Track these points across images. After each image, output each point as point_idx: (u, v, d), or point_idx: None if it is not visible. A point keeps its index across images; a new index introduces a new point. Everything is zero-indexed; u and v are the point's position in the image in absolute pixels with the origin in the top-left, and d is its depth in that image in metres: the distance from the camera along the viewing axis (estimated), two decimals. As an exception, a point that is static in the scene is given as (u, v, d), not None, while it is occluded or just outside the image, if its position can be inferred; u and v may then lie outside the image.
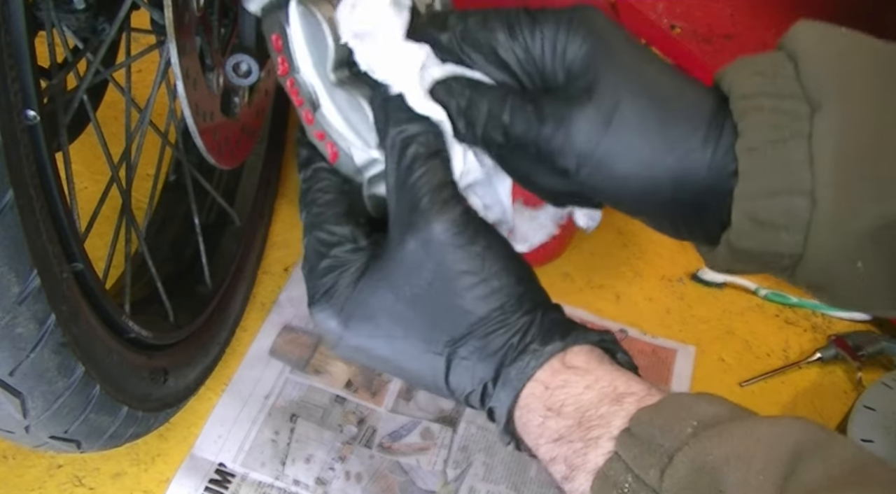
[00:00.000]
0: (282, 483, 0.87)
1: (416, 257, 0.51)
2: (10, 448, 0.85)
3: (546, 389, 0.50)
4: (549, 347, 0.51)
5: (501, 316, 0.51)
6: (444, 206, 0.50)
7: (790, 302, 1.14)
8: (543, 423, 0.50)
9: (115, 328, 0.69)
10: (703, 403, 0.47)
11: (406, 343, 0.53)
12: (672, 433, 0.45)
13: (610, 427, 0.47)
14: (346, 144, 0.55)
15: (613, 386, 0.49)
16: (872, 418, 0.91)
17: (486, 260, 0.51)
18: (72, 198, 0.62)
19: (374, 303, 0.52)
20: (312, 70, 0.53)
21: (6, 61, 0.49)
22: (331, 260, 0.53)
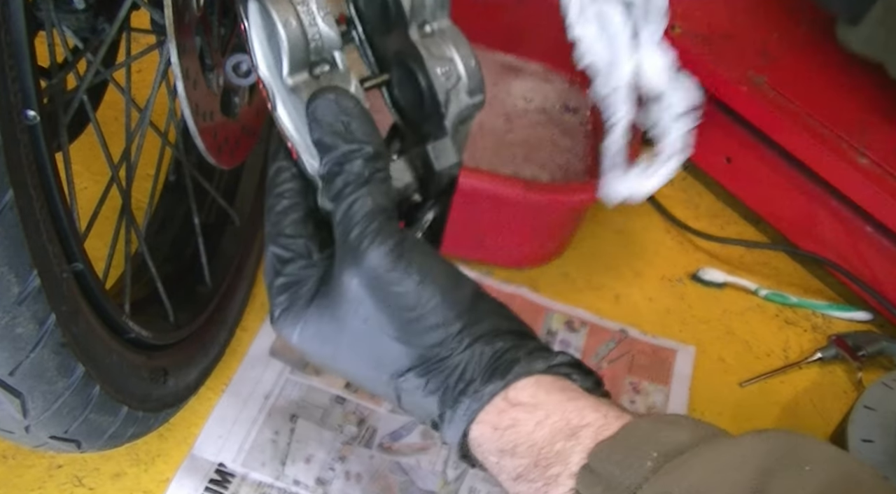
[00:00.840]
0: (282, 483, 0.87)
1: (352, 292, 0.49)
2: (10, 448, 0.85)
3: (495, 430, 0.49)
4: (489, 388, 0.49)
5: (441, 350, 0.50)
6: (375, 238, 0.48)
7: (790, 302, 1.14)
8: (499, 463, 0.49)
9: (115, 328, 0.69)
10: (663, 429, 0.45)
11: (358, 370, 0.52)
12: (632, 468, 0.43)
13: (568, 464, 0.46)
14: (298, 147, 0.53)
15: (566, 420, 0.48)
16: (872, 418, 0.91)
17: (422, 296, 0.49)
18: (72, 198, 0.62)
19: (325, 331, 0.51)
20: (267, 71, 0.52)
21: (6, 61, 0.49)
22: (285, 278, 0.52)
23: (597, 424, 0.47)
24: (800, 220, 1.14)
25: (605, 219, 1.22)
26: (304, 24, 0.51)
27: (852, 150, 1.03)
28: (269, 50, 0.51)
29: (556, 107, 1.30)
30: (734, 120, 1.15)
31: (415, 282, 0.49)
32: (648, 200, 1.24)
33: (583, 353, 1.04)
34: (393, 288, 0.49)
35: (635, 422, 0.46)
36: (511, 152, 1.22)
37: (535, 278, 1.11)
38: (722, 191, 1.26)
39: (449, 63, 0.54)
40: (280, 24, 0.50)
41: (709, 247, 1.20)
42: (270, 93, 0.52)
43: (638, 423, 0.46)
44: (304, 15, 0.51)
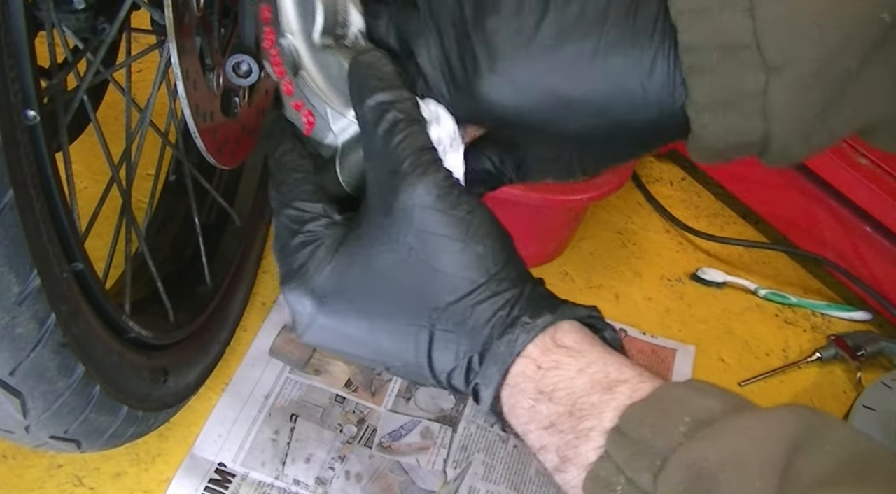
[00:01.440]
0: (282, 482, 0.87)
1: (397, 222, 0.48)
2: (10, 448, 0.85)
3: (538, 369, 0.48)
4: (539, 320, 0.48)
5: (488, 285, 0.49)
6: (427, 169, 0.48)
7: (790, 302, 1.14)
8: (534, 407, 0.48)
9: (116, 328, 0.69)
10: (694, 395, 0.45)
11: (385, 317, 0.50)
12: (664, 433, 0.43)
13: (602, 419, 0.45)
14: (324, 107, 0.54)
15: (605, 372, 0.47)
16: (872, 418, 0.91)
17: (471, 225, 0.48)
18: (72, 198, 0.62)
19: (352, 277, 0.50)
20: (300, 34, 0.53)
21: (6, 61, 0.49)
22: (304, 236, 0.51)
23: (634, 380, 0.47)
24: (800, 220, 1.14)
25: (605, 219, 1.22)
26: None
27: (852, 150, 1.03)
28: (300, 15, 0.53)
29: (556, 107, 1.30)
30: (734, 120, 1.15)
31: (464, 211, 0.48)
32: (648, 200, 1.24)
33: (582, 353, 1.04)
34: (441, 218, 0.48)
35: (668, 387, 0.46)
36: (511, 152, 1.21)
37: (535, 278, 1.11)
38: (722, 191, 1.26)
39: None
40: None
41: (708, 246, 1.20)
42: (296, 57, 0.54)
43: (669, 387, 0.46)
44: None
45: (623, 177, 1.00)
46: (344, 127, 0.54)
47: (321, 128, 0.54)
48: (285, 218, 0.52)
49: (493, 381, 0.49)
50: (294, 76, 0.54)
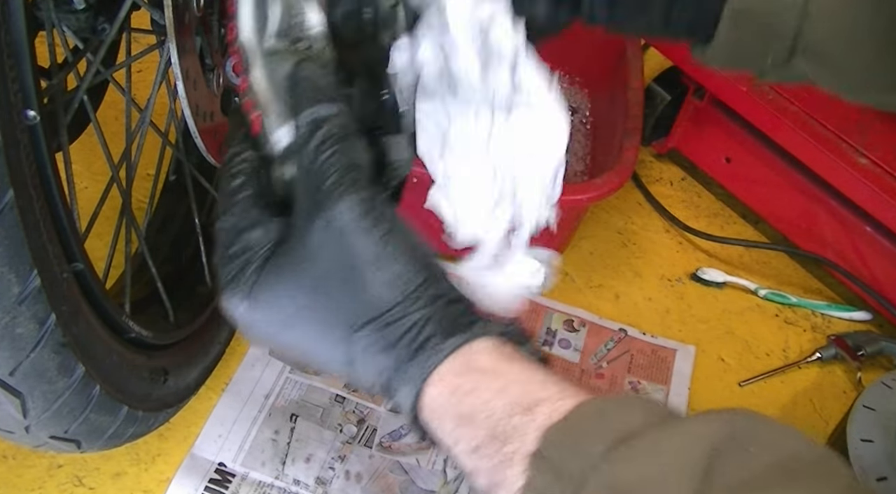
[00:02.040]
0: (282, 482, 0.87)
1: (318, 239, 0.49)
2: (10, 448, 0.85)
3: (453, 393, 0.48)
4: (449, 342, 0.49)
5: (402, 305, 0.49)
6: (350, 188, 0.49)
7: (790, 302, 1.14)
8: (456, 431, 0.48)
9: (115, 328, 0.69)
10: (613, 412, 0.45)
11: (310, 329, 0.51)
12: (581, 454, 0.43)
13: (524, 441, 0.45)
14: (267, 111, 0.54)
15: (525, 391, 0.47)
16: (872, 418, 0.91)
17: (388, 246, 0.49)
18: (72, 198, 0.62)
19: (280, 288, 0.50)
20: (252, 36, 0.54)
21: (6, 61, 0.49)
22: (239, 245, 0.52)
23: (554, 398, 0.46)
24: (800, 220, 1.14)
25: (605, 219, 1.22)
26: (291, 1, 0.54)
27: (852, 150, 1.03)
28: (256, 14, 0.54)
29: (556, 107, 1.30)
30: (734, 120, 1.15)
31: (382, 232, 0.49)
32: (648, 200, 1.24)
33: (582, 353, 1.04)
34: (360, 237, 0.49)
35: (587, 403, 0.46)
36: (511, 152, 1.21)
37: (535, 278, 1.11)
38: (722, 191, 1.26)
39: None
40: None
41: (708, 246, 1.20)
42: (247, 57, 0.54)
43: (589, 405, 0.46)
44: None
45: (623, 177, 1.00)
46: (281, 136, 0.55)
47: (265, 132, 0.55)
48: (224, 224, 0.53)
49: (407, 403, 0.49)
50: (247, 75, 0.55)
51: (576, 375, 1.02)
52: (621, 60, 1.17)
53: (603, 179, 0.99)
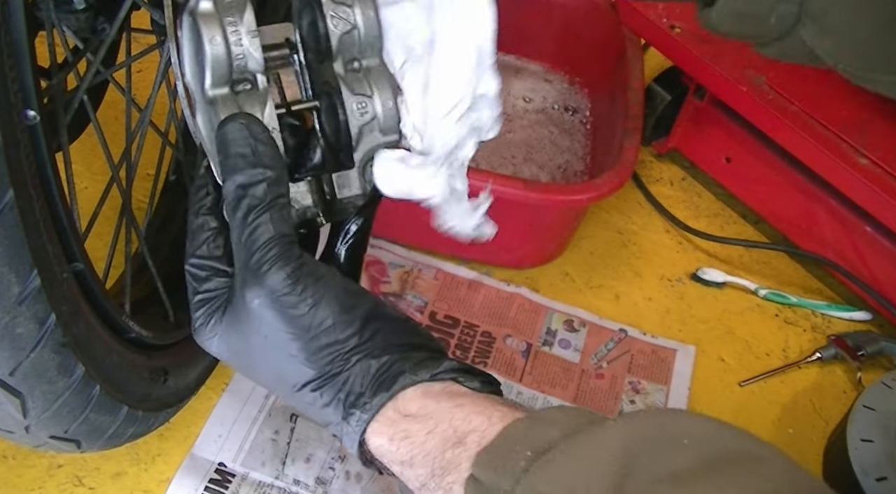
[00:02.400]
0: (282, 482, 0.87)
1: (253, 312, 0.52)
2: (10, 448, 0.85)
3: (391, 441, 0.52)
4: (375, 400, 0.52)
5: (332, 370, 0.52)
6: (274, 263, 0.51)
7: (790, 301, 1.14)
8: (402, 473, 0.52)
9: (116, 328, 0.69)
10: (536, 427, 0.47)
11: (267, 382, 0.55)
12: (506, 471, 0.45)
13: (460, 471, 0.48)
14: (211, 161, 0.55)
15: (453, 428, 0.50)
16: (872, 418, 0.91)
17: (315, 317, 0.52)
18: (72, 198, 0.62)
19: (234, 345, 0.54)
20: (194, 82, 0.54)
21: (6, 61, 0.49)
22: (202, 296, 0.55)
23: (482, 427, 0.49)
24: (800, 220, 1.14)
25: (605, 219, 1.22)
26: (229, 42, 0.52)
27: (852, 150, 1.03)
28: (195, 61, 0.53)
29: (556, 107, 1.30)
30: (734, 120, 1.15)
31: (308, 305, 0.51)
32: (648, 200, 1.24)
33: (582, 353, 1.04)
34: (289, 310, 0.51)
35: (513, 424, 0.48)
36: (511, 152, 1.22)
37: (535, 278, 1.11)
38: (722, 191, 1.26)
39: (367, 100, 0.56)
40: (206, 40, 0.52)
41: (708, 246, 1.20)
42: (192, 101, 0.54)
43: (515, 425, 0.48)
44: (231, 34, 0.52)
45: (623, 177, 1.00)
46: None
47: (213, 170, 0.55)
48: (188, 272, 0.55)
49: (354, 450, 0.54)
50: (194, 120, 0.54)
51: (576, 375, 1.02)
52: (621, 60, 1.17)
53: (603, 179, 0.99)
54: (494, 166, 1.19)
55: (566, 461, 0.44)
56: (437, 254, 1.10)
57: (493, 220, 0.61)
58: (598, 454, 0.43)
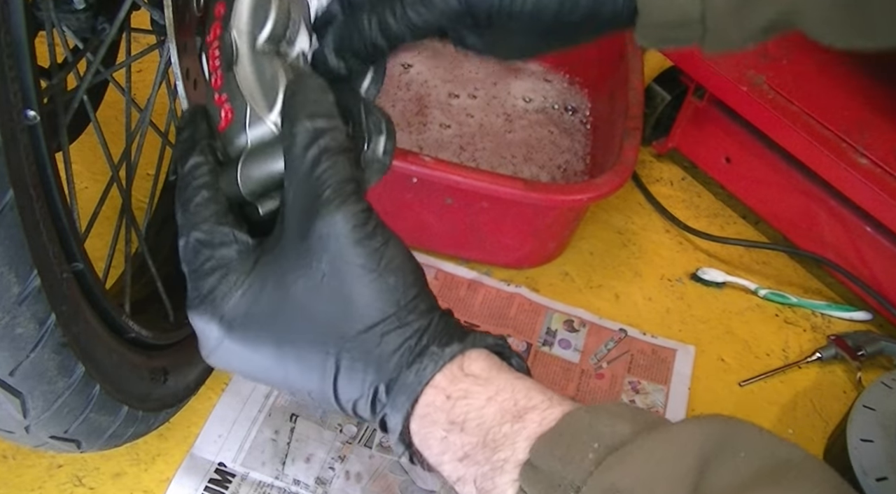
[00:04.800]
0: (282, 482, 0.87)
1: (312, 247, 0.49)
2: (10, 448, 0.85)
3: (447, 399, 0.48)
4: (448, 349, 0.49)
5: (397, 315, 0.49)
6: (347, 200, 0.49)
7: (790, 301, 1.14)
8: (447, 438, 0.48)
9: (116, 328, 0.69)
10: (603, 419, 0.45)
11: (293, 344, 0.50)
12: (574, 463, 0.43)
13: (515, 450, 0.46)
14: (245, 107, 0.55)
15: (514, 400, 0.48)
16: (872, 418, 0.91)
17: (384, 257, 0.49)
18: (72, 198, 0.62)
19: (263, 301, 0.50)
20: (245, 34, 0.56)
21: (6, 61, 0.49)
22: (214, 261, 0.51)
23: (542, 406, 0.47)
24: (799, 220, 1.14)
25: (605, 219, 1.22)
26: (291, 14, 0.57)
27: (852, 150, 1.03)
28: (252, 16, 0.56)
29: (556, 107, 1.30)
30: (734, 120, 1.15)
31: (379, 243, 0.49)
32: (648, 200, 1.24)
33: (582, 353, 1.04)
34: (364, 240, 0.49)
35: (575, 413, 0.46)
36: (511, 152, 1.22)
37: (535, 278, 1.11)
38: (721, 191, 1.26)
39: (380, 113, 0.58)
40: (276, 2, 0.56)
41: (708, 246, 1.20)
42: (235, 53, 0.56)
43: (577, 414, 0.46)
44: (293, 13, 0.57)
45: (623, 177, 1.00)
46: (258, 132, 0.55)
47: (236, 127, 0.55)
48: (195, 241, 0.52)
49: (402, 411, 0.49)
50: (226, 71, 0.56)
51: (576, 375, 1.02)
52: (621, 60, 1.17)
53: (603, 179, 0.99)
54: (494, 166, 1.19)
55: (643, 458, 0.42)
56: (437, 254, 1.10)
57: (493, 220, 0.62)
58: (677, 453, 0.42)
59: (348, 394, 0.50)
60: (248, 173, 0.54)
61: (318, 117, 0.51)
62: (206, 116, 0.57)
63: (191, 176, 0.54)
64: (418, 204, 1.02)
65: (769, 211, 1.19)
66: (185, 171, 0.54)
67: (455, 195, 1.00)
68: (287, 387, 0.52)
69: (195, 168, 0.54)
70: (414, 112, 1.25)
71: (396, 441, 0.51)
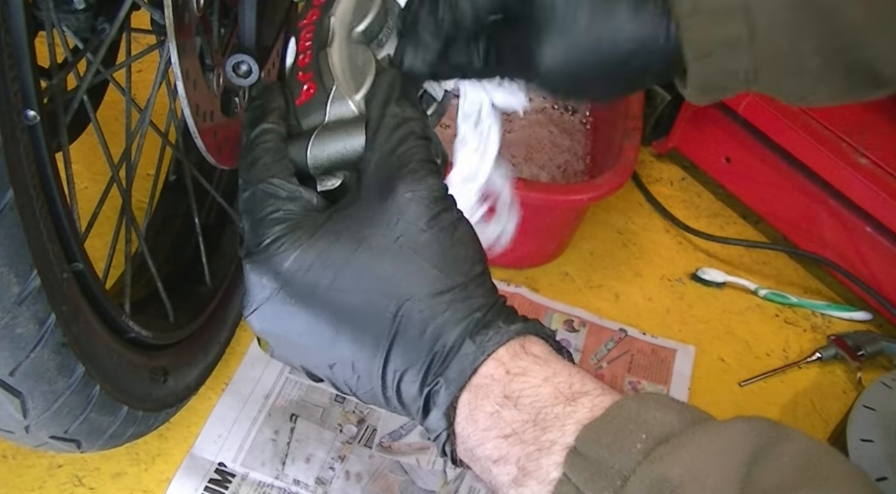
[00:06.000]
0: (282, 482, 0.87)
1: (391, 210, 0.49)
2: (10, 448, 0.85)
3: (507, 373, 0.48)
4: (513, 326, 0.49)
5: (465, 287, 0.50)
6: (429, 174, 0.51)
7: (790, 301, 1.14)
8: (498, 412, 0.47)
9: (115, 328, 0.69)
10: (651, 410, 0.45)
11: (352, 305, 0.48)
12: (622, 452, 0.43)
13: (564, 432, 0.45)
14: (331, 86, 0.56)
15: (569, 383, 0.48)
16: (872, 418, 0.91)
17: (457, 231, 0.51)
18: (72, 198, 0.62)
19: (333, 256, 0.49)
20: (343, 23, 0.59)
21: (6, 61, 0.49)
22: (283, 213, 0.50)
23: (595, 393, 0.47)
24: (800, 220, 1.14)
25: (605, 219, 1.22)
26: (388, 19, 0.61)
27: (852, 150, 1.03)
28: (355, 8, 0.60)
29: (556, 107, 1.30)
30: (734, 120, 1.15)
31: (454, 217, 0.51)
32: (648, 200, 1.24)
33: (582, 353, 1.04)
34: (436, 215, 0.50)
35: (622, 402, 0.46)
36: (511, 152, 1.22)
37: (535, 278, 1.11)
38: (722, 191, 1.26)
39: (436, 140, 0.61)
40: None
41: (708, 246, 1.20)
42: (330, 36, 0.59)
43: (626, 403, 0.46)
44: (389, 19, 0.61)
45: (623, 177, 1.00)
46: (339, 109, 0.56)
47: (316, 103, 0.56)
48: (261, 192, 0.51)
49: (458, 380, 0.48)
50: (318, 51, 0.58)
51: (576, 375, 1.02)
52: (621, 60, 1.17)
53: (603, 179, 0.99)
54: (494, 166, 1.19)
55: (693, 450, 0.42)
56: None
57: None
58: (727, 448, 0.42)
59: (400, 362, 0.49)
60: (320, 146, 0.55)
61: (408, 106, 0.54)
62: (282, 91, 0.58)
63: (260, 139, 0.54)
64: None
65: (769, 211, 1.19)
66: (253, 135, 0.54)
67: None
68: (329, 356, 0.51)
69: (265, 132, 0.54)
70: (414, 112, 1.25)
71: (440, 417, 0.50)
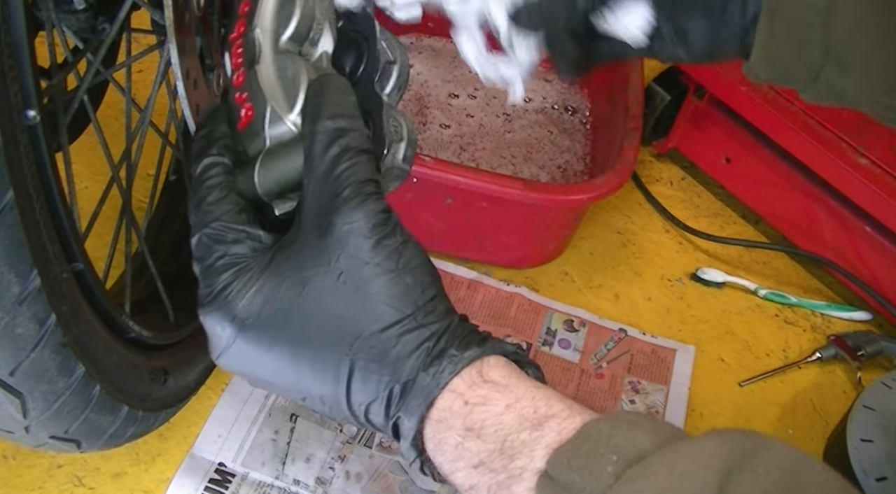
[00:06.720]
0: (282, 482, 0.87)
1: (330, 245, 0.48)
2: (10, 448, 0.85)
3: (465, 404, 0.47)
4: (467, 353, 0.48)
5: (414, 316, 0.48)
6: (367, 199, 0.49)
7: (789, 301, 1.14)
8: (462, 444, 0.47)
9: (115, 328, 0.69)
10: (622, 430, 0.44)
11: (307, 344, 0.49)
12: (592, 475, 0.42)
13: (533, 458, 0.45)
14: (265, 106, 0.55)
15: (534, 407, 0.47)
16: (872, 418, 0.91)
17: (402, 257, 0.49)
18: (72, 198, 0.62)
19: (279, 299, 0.49)
20: (269, 32, 0.56)
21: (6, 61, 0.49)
22: (229, 258, 0.50)
23: (562, 415, 0.46)
24: (799, 220, 1.15)
25: (605, 219, 1.22)
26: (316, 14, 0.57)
27: (852, 150, 1.03)
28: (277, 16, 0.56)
29: (556, 107, 1.30)
30: (734, 120, 1.15)
31: (398, 243, 0.49)
32: (648, 200, 1.24)
33: (582, 353, 1.04)
34: (383, 240, 0.48)
35: (593, 424, 0.45)
36: (511, 152, 1.22)
37: (535, 278, 1.11)
38: (721, 191, 1.26)
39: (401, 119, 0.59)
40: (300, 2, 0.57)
41: (708, 246, 1.20)
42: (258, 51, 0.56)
43: (595, 424, 0.45)
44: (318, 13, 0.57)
45: (623, 177, 1.00)
46: (277, 131, 0.54)
47: (255, 126, 0.55)
48: (208, 238, 0.51)
49: (417, 413, 0.48)
50: (248, 69, 0.55)
51: (576, 375, 1.02)
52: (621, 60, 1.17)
53: (603, 179, 0.99)
54: (494, 166, 1.19)
55: (664, 472, 0.41)
56: (437, 254, 1.10)
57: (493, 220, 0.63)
58: (699, 467, 0.41)
59: (362, 397, 0.49)
60: (265, 172, 0.54)
61: (340, 117, 0.51)
62: (226, 115, 0.57)
63: (204, 175, 0.53)
64: (418, 204, 1.02)
65: (769, 211, 1.19)
66: (198, 170, 0.54)
67: (455, 195, 1.00)
68: (297, 392, 0.51)
69: (209, 167, 0.54)
70: (414, 112, 1.25)
71: (409, 446, 0.49)
